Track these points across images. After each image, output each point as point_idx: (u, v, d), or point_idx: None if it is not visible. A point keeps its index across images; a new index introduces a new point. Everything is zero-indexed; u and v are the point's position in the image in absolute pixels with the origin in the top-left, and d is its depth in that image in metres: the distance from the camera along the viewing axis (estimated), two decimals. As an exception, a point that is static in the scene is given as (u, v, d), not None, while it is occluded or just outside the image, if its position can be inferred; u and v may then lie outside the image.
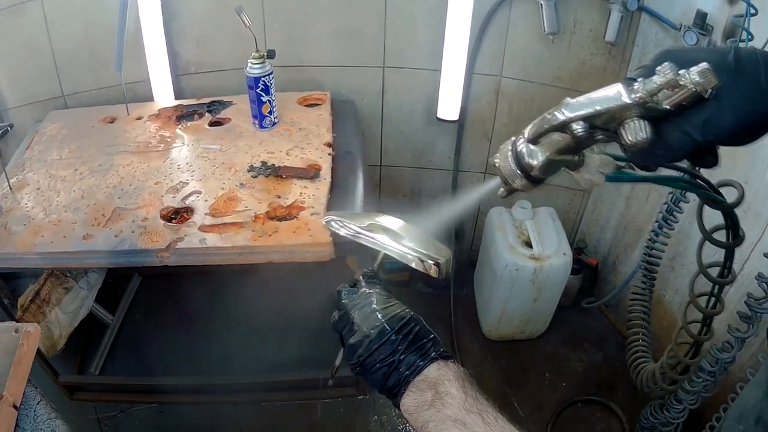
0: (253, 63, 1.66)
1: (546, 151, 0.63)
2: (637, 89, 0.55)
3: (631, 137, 0.56)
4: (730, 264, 1.21)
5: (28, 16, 1.83)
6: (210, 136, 1.80)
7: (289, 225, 1.46)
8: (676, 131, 0.56)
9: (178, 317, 2.29)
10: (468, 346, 2.23)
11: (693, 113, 0.55)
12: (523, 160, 0.64)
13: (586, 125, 0.57)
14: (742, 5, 1.42)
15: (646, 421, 1.75)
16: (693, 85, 0.53)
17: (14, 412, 1.02)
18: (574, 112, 0.57)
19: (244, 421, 1.99)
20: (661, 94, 0.55)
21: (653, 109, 0.55)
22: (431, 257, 0.74)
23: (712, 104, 0.54)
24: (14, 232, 1.50)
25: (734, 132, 0.55)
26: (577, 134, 0.57)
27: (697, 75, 0.53)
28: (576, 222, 2.36)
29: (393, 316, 0.70)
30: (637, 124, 0.56)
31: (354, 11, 1.89)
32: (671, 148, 0.57)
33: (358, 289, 0.75)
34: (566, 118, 0.58)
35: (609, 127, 0.58)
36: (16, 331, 1.09)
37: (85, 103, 2.03)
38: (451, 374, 0.65)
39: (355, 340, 0.70)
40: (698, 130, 0.55)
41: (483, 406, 0.62)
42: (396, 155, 2.24)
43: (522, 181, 0.66)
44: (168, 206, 1.54)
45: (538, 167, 0.63)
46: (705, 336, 1.50)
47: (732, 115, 0.54)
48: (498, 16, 1.85)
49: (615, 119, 0.57)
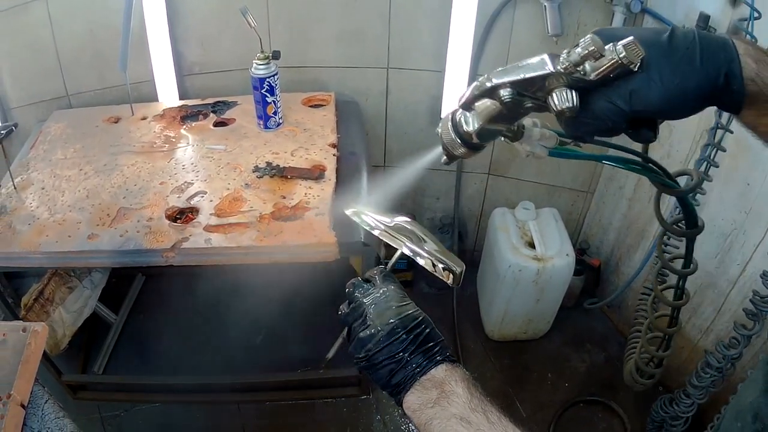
0: (259, 64, 1.66)
1: (480, 118, 0.66)
2: (563, 60, 0.58)
3: (557, 104, 0.58)
4: (691, 254, 1.21)
5: (33, 16, 1.83)
6: (215, 136, 1.81)
7: (294, 225, 1.47)
8: (603, 100, 0.58)
9: (181, 317, 2.29)
10: (471, 347, 2.24)
11: (620, 84, 0.58)
12: (461, 128, 0.68)
13: (513, 91, 0.60)
14: (746, 8, 1.42)
15: (656, 415, 1.77)
16: (618, 57, 0.55)
17: (22, 410, 1.03)
18: (501, 78, 0.60)
19: (247, 421, 2.00)
20: (589, 66, 0.57)
21: (581, 80, 0.58)
22: (448, 265, 0.77)
23: (640, 76, 0.57)
24: (19, 232, 1.50)
25: (663, 104, 0.57)
26: (505, 100, 0.60)
27: (623, 47, 0.55)
28: (579, 223, 2.37)
29: (406, 316, 0.71)
30: (564, 92, 0.58)
31: (358, 12, 1.89)
32: (598, 116, 0.59)
33: (372, 284, 0.76)
34: (493, 84, 0.61)
35: (538, 96, 0.61)
36: (23, 331, 1.10)
37: (89, 102, 2.03)
38: (457, 376, 0.66)
39: (366, 334, 0.71)
40: (625, 100, 0.57)
41: (488, 407, 0.63)
42: (400, 156, 2.24)
43: (461, 149, 0.70)
44: (173, 206, 1.55)
45: (473, 133, 0.67)
46: (673, 328, 1.53)
47: (660, 88, 0.56)
48: (502, 18, 1.85)
49: (543, 88, 0.60)
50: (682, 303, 1.43)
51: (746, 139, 1.51)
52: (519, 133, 0.70)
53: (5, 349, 1.06)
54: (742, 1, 1.43)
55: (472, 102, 0.64)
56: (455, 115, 0.69)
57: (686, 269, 1.29)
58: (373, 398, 2.03)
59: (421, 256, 0.78)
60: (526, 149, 0.72)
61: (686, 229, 1.05)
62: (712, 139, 1.52)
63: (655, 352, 1.62)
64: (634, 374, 1.74)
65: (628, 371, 1.79)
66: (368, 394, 2.02)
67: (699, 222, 1.02)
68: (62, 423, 1.09)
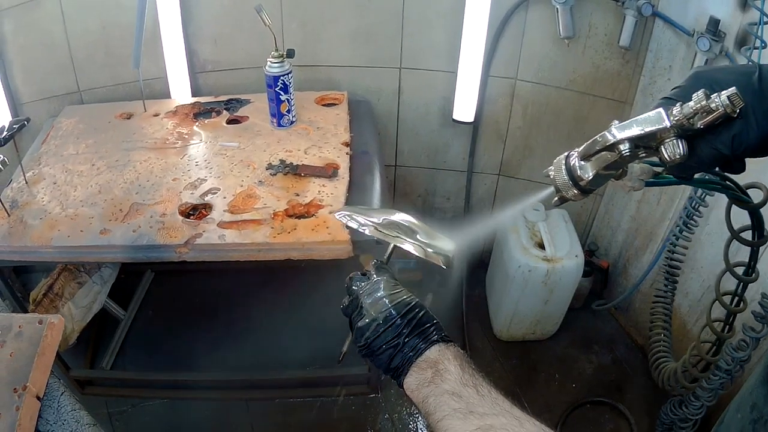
0: (273, 62, 1.67)
1: (595, 167, 0.70)
2: (676, 114, 0.62)
3: (670, 155, 0.63)
4: (755, 262, 1.25)
5: (45, 11, 1.84)
6: (228, 133, 1.81)
7: (308, 223, 1.47)
8: (708, 147, 0.63)
9: (190, 314, 2.30)
10: (479, 346, 2.24)
11: (722, 131, 0.62)
12: (575, 173, 0.72)
13: (631, 145, 0.65)
14: (755, 13, 1.43)
15: (666, 417, 1.77)
16: (723, 108, 0.60)
17: (37, 403, 1.02)
18: (622, 134, 0.65)
19: (255, 418, 2.00)
20: (696, 117, 0.62)
21: (688, 129, 0.62)
22: (437, 249, 0.82)
23: (739, 122, 0.61)
24: (30, 226, 1.50)
25: (759, 145, 0.62)
26: (624, 154, 0.65)
27: (727, 99, 0.59)
28: (588, 224, 2.37)
29: (399, 302, 0.75)
30: (675, 143, 0.63)
31: (371, 12, 1.90)
32: (703, 161, 0.65)
33: (368, 277, 0.80)
34: (615, 140, 0.65)
35: (650, 146, 0.66)
36: (40, 323, 1.09)
37: (101, 98, 2.04)
38: (450, 354, 0.70)
39: (363, 323, 0.75)
40: (727, 145, 0.62)
41: (478, 381, 0.66)
42: (411, 156, 2.25)
43: (573, 191, 0.73)
44: (186, 202, 1.55)
45: (587, 180, 0.71)
46: (727, 334, 1.53)
47: (756, 131, 0.61)
48: (514, 20, 1.86)
49: (656, 139, 0.64)
50: (740, 310, 1.45)
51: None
52: (623, 174, 0.75)
53: (21, 341, 1.06)
54: (752, 6, 1.43)
55: (592, 156, 0.69)
56: (569, 160, 0.73)
57: (748, 276, 1.33)
58: (381, 396, 2.03)
59: (409, 244, 0.82)
60: (628, 185, 0.77)
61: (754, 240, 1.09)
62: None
63: (705, 356, 1.61)
64: (680, 377, 1.71)
65: (669, 375, 1.77)
66: (376, 393, 2.02)
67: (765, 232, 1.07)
68: (78, 415, 1.09)
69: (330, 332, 2.09)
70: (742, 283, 1.40)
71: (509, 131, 2.13)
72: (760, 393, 0.86)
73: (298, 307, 2.16)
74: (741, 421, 0.90)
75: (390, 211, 0.89)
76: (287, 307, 2.16)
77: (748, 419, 0.88)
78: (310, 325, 2.13)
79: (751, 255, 1.24)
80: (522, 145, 2.16)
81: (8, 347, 1.03)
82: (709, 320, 1.56)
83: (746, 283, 1.39)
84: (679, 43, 1.72)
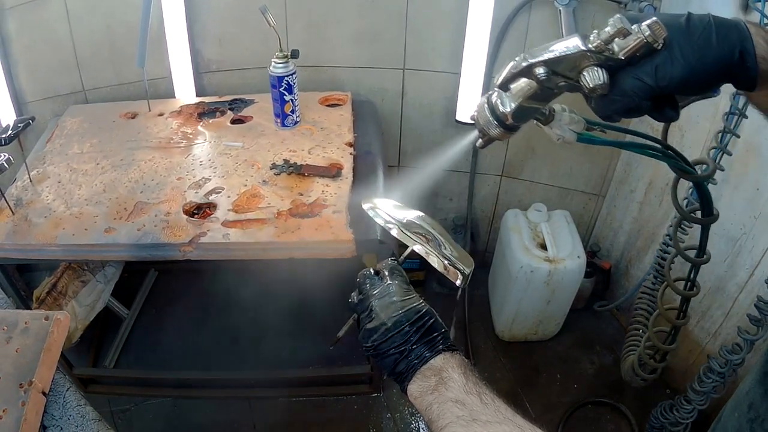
0: (277, 62, 1.68)
1: (516, 98, 0.69)
2: (593, 39, 0.62)
3: (589, 82, 0.62)
4: (705, 243, 1.22)
5: (50, 10, 1.85)
6: (232, 133, 1.82)
7: (312, 222, 1.48)
8: (630, 77, 0.63)
9: (193, 312, 2.31)
10: (481, 346, 2.25)
11: (645, 62, 0.62)
12: (497, 109, 0.71)
13: (548, 70, 0.64)
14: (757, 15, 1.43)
15: (656, 421, 1.77)
16: (643, 35, 0.60)
17: (43, 398, 1.03)
18: (536, 57, 0.64)
19: (258, 417, 2.00)
20: (616, 45, 0.62)
21: (610, 59, 0.62)
22: (458, 267, 0.79)
23: (663, 54, 0.61)
24: (35, 224, 1.51)
25: (684, 79, 0.61)
26: (540, 78, 0.64)
27: (647, 26, 0.60)
28: (590, 225, 2.38)
29: (410, 309, 0.75)
30: (595, 71, 0.62)
31: (375, 13, 1.90)
32: (626, 93, 0.63)
33: (380, 277, 0.79)
34: (529, 63, 0.64)
35: (570, 75, 0.64)
36: (46, 319, 1.10)
37: (106, 98, 2.04)
38: (455, 363, 0.70)
39: (372, 326, 0.75)
40: (650, 75, 0.62)
41: (482, 389, 0.66)
42: (414, 156, 2.25)
43: (497, 130, 0.72)
44: (191, 201, 1.56)
45: (510, 113, 0.70)
46: (682, 320, 1.53)
47: (682, 63, 0.61)
48: (517, 21, 1.86)
49: (575, 67, 0.64)
50: (693, 294, 1.44)
51: (756, 145, 1.53)
52: (550, 116, 0.74)
53: (27, 337, 1.06)
54: (754, 8, 1.44)
55: (510, 81, 0.68)
56: (491, 97, 0.72)
57: (700, 258, 1.29)
58: (383, 396, 2.04)
59: (431, 255, 0.81)
60: (556, 133, 0.75)
61: (702, 217, 1.07)
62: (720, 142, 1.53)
63: (661, 345, 1.61)
64: (637, 368, 1.73)
65: (628, 366, 1.79)
66: (379, 392, 2.03)
67: (714, 211, 1.04)
68: (84, 411, 1.09)
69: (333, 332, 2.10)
70: (693, 266, 1.38)
71: (512, 132, 2.13)
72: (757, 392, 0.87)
73: (302, 306, 2.17)
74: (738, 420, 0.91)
75: (412, 211, 0.87)
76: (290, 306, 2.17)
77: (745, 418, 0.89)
78: (313, 324, 2.14)
79: (702, 234, 1.20)
80: (524, 146, 2.16)
81: (14, 343, 1.04)
82: (662, 307, 1.56)
83: (698, 266, 1.37)
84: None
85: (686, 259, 1.38)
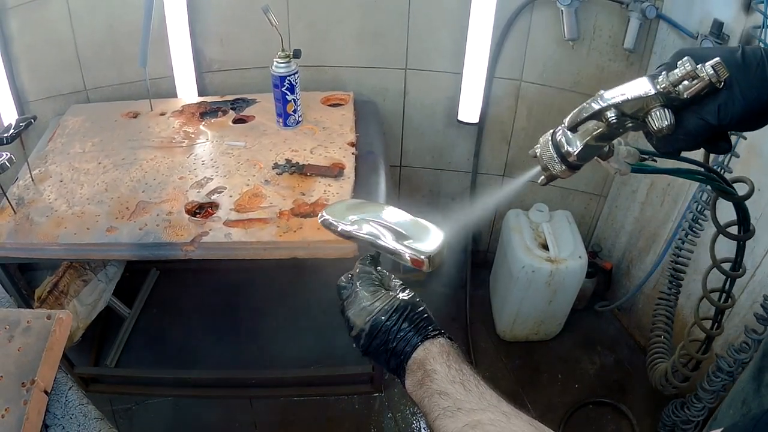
0: (279, 62, 1.68)
1: (582, 138, 0.71)
2: (662, 81, 0.64)
3: (656, 123, 0.64)
4: (742, 258, 1.25)
5: (52, 9, 1.85)
6: (234, 133, 1.82)
7: (314, 222, 1.47)
8: (695, 117, 0.64)
9: (194, 312, 2.31)
10: (482, 346, 2.25)
11: (708, 101, 0.64)
12: (562, 148, 0.72)
13: (618, 112, 0.65)
14: (759, 16, 1.44)
15: (668, 419, 1.78)
16: (708, 76, 0.61)
17: (45, 397, 1.03)
18: (608, 100, 0.66)
19: (259, 416, 2.01)
20: (681, 86, 0.63)
21: (675, 99, 0.64)
22: (419, 251, 0.78)
23: (724, 93, 0.63)
24: (37, 223, 1.51)
25: (743, 116, 0.63)
26: (611, 121, 0.66)
27: (711, 67, 0.61)
28: (591, 226, 2.38)
29: (380, 310, 0.75)
30: (661, 111, 0.64)
31: (377, 13, 1.91)
32: (690, 132, 0.65)
33: (352, 283, 0.79)
34: (601, 107, 0.66)
35: (637, 116, 0.66)
36: (48, 318, 1.10)
37: (107, 97, 2.05)
38: (435, 352, 0.70)
39: (354, 333, 0.76)
40: (713, 115, 0.63)
41: (465, 377, 0.66)
42: (416, 156, 2.26)
43: (561, 167, 0.74)
44: (193, 201, 1.56)
45: (575, 153, 0.71)
46: (716, 331, 1.53)
47: (741, 101, 0.62)
48: (519, 22, 1.87)
49: (642, 108, 0.65)
50: (728, 306, 1.46)
51: (758, 145, 1.53)
52: (610, 152, 0.75)
53: (29, 336, 1.06)
54: (756, 9, 1.44)
55: (581, 124, 0.69)
56: (555, 135, 0.73)
57: (736, 272, 1.33)
58: (384, 396, 2.04)
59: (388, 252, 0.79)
60: (614, 167, 0.76)
61: (740, 234, 1.09)
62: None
63: (695, 354, 1.62)
64: (670, 377, 1.73)
65: (660, 374, 1.78)
66: (380, 392, 2.03)
67: (750, 227, 1.06)
68: (86, 410, 1.10)
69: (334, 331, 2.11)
70: (729, 279, 1.40)
71: (514, 132, 2.13)
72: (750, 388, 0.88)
73: (303, 306, 2.17)
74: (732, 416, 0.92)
75: (379, 207, 0.86)
76: (291, 305, 2.17)
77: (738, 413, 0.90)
78: (314, 324, 2.14)
79: (738, 250, 1.23)
80: (527, 146, 2.14)
81: (16, 342, 1.04)
82: (697, 318, 1.57)
83: (734, 279, 1.38)
84: (684, 45, 1.73)
85: (723, 272, 1.40)
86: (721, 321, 1.53)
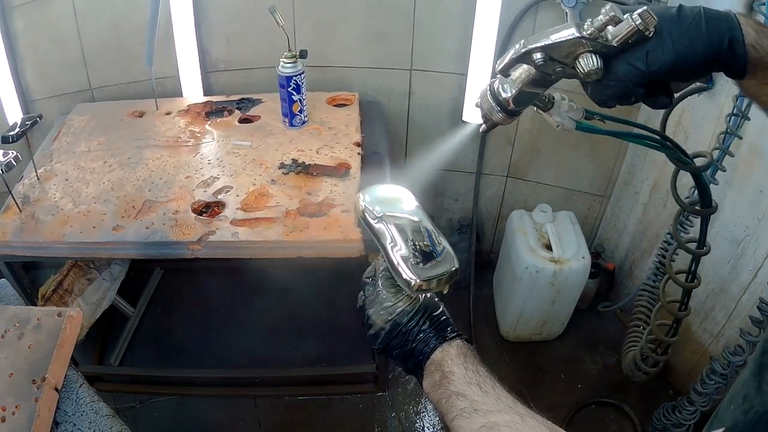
0: (286, 62, 1.68)
1: (516, 83, 0.74)
2: (587, 27, 0.65)
3: (585, 67, 0.66)
4: (705, 234, 1.24)
5: (57, 8, 1.85)
6: (240, 132, 1.82)
7: (320, 221, 1.48)
8: (623, 63, 0.66)
9: (198, 311, 2.31)
10: (486, 346, 2.26)
11: (637, 48, 0.65)
12: (500, 96, 0.75)
13: (545, 55, 0.68)
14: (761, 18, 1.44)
15: (658, 422, 1.78)
16: (635, 23, 0.63)
17: (56, 394, 1.03)
18: (534, 43, 0.68)
19: (263, 415, 2.01)
20: (609, 34, 0.65)
21: (603, 46, 0.65)
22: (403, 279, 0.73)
23: (655, 40, 0.64)
24: (42, 222, 1.51)
25: (674, 65, 0.64)
26: (538, 63, 0.68)
27: (638, 15, 0.63)
28: (594, 227, 2.39)
29: (401, 311, 0.75)
30: (589, 56, 0.66)
31: (383, 14, 1.91)
32: (620, 78, 0.66)
33: (373, 281, 0.80)
34: (527, 48, 0.68)
35: (566, 61, 0.68)
36: (59, 315, 1.11)
37: (113, 96, 2.05)
38: (453, 353, 0.71)
39: (372, 332, 0.77)
40: (641, 60, 0.65)
41: (482, 378, 0.67)
42: (420, 157, 2.25)
43: (499, 115, 0.77)
44: (199, 200, 1.56)
45: (510, 98, 0.74)
46: (683, 312, 1.54)
47: (671, 48, 0.64)
48: (524, 23, 1.87)
49: (570, 53, 0.67)
50: (694, 285, 1.45)
51: (760, 147, 1.54)
52: (549, 103, 0.78)
53: (40, 334, 1.07)
54: (757, 11, 1.45)
55: (510, 67, 0.71)
56: (493, 83, 0.76)
57: (700, 250, 1.31)
58: (388, 395, 2.05)
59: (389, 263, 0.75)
60: (555, 120, 0.79)
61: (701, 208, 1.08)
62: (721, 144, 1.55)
63: (663, 337, 1.62)
64: (639, 361, 1.73)
65: (630, 360, 1.79)
66: (384, 391, 2.03)
67: (713, 203, 1.06)
68: (97, 407, 1.10)
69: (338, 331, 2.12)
70: (694, 258, 1.39)
71: (518, 133, 2.14)
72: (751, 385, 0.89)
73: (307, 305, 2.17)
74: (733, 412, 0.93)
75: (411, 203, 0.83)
76: (296, 304, 2.17)
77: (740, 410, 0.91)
78: (318, 323, 2.14)
79: (702, 225, 1.23)
80: (530, 147, 2.17)
81: (27, 339, 1.05)
82: (664, 300, 1.57)
83: (698, 257, 1.38)
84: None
85: (687, 251, 1.40)
86: (688, 302, 1.53)
